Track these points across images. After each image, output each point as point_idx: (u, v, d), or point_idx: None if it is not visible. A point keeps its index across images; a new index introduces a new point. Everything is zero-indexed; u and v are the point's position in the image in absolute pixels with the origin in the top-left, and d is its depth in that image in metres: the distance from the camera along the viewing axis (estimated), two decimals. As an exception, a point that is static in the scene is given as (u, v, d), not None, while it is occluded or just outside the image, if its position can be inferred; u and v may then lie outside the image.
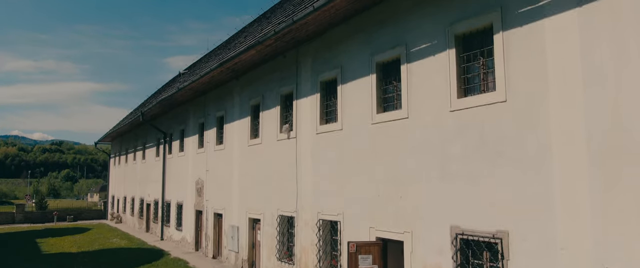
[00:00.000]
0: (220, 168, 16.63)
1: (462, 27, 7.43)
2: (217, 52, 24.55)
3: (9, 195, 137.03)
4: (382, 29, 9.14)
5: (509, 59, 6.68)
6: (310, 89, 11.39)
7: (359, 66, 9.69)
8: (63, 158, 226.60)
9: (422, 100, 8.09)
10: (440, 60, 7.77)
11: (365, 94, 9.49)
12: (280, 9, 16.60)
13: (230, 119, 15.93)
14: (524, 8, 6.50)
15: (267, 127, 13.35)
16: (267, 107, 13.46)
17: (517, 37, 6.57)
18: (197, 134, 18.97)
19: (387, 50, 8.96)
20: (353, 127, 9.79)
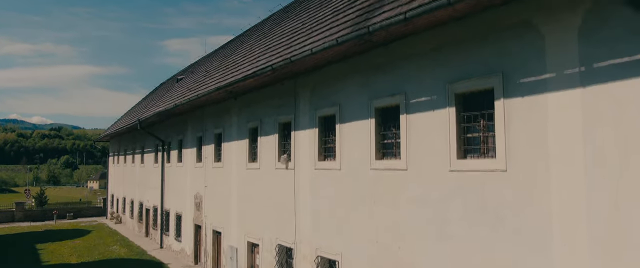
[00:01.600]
0: (218, 186, 16.59)
1: (462, 87, 7.30)
2: (216, 54, 24.33)
3: (9, 182, 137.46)
4: (381, 73, 9.00)
5: (510, 128, 6.57)
6: (309, 122, 11.28)
7: (358, 108, 9.57)
8: (62, 144, 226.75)
9: (422, 155, 7.99)
10: (439, 117, 7.66)
11: (364, 137, 9.38)
12: (285, 15, 16.41)
13: (228, 138, 15.83)
14: (526, 78, 6.37)
15: (265, 154, 13.26)
16: (265, 132, 13.36)
17: (518, 107, 6.46)
18: (195, 147, 18.88)
19: (386, 96, 8.83)
20: (352, 169, 9.71)
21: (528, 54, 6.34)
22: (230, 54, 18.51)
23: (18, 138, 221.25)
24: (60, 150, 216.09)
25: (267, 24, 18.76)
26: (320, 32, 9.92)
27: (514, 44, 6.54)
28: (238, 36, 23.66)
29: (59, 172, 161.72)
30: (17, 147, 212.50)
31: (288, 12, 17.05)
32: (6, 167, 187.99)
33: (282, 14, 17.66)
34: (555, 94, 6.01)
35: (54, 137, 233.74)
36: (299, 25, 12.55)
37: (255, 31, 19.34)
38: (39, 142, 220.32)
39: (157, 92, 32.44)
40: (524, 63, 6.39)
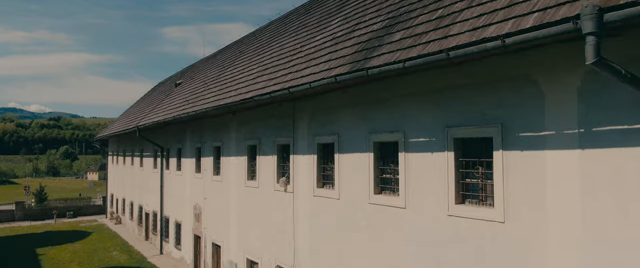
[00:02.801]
0: (217, 200, 16.62)
1: (461, 133, 7.28)
2: (214, 60, 24.20)
3: (9, 173, 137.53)
4: (380, 108, 8.97)
5: (508, 180, 6.57)
6: (308, 147, 11.26)
7: (357, 140, 9.55)
8: (61, 134, 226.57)
9: (420, 195, 8.00)
10: (438, 160, 7.65)
11: (362, 170, 9.38)
12: (283, 26, 16.33)
13: (227, 152, 15.82)
14: (525, 133, 6.35)
15: (264, 173, 13.26)
16: (264, 152, 13.34)
17: (517, 160, 6.44)
18: (194, 157, 18.86)
19: (385, 132, 8.81)
20: (351, 201, 9.72)
21: (527, 108, 6.31)
22: (229, 65, 18.40)
23: (17, 129, 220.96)
24: (60, 140, 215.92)
25: (265, 33, 18.62)
26: (319, 63, 9.86)
27: (513, 97, 6.51)
28: (236, 42, 23.50)
29: (58, 163, 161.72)
30: (16, 137, 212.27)
31: (286, 24, 16.93)
32: (5, 157, 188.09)
33: (280, 25, 17.53)
34: (554, 152, 5.99)
35: (53, 127, 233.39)
36: (298, 47, 12.48)
37: (253, 41, 19.20)
38: (38, 133, 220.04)
39: (155, 94, 32.31)
40: (523, 117, 6.37)
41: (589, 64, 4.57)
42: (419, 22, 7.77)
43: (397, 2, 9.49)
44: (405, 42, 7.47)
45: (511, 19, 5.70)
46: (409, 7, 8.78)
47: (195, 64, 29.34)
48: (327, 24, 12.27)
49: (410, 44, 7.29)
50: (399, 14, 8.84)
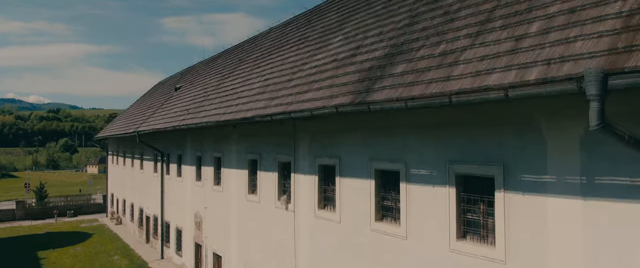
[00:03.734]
0: (218, 210, 16.65)
1: (463, 169, 7.29)
2: (215, 66, 24.12)
3: (8, 167, 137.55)
4: (381, 136, 8.96)
5: (509, 221, 6.59)
6: (309, 167, 11.27)
7: (358, 166, 9.55)
8: (61, 126, 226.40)
9: (422, 227, 8.02)
10: (440, 194, 7.66)
11: (364, 195, 9.40)
12: (283, 36, 16.27)
13: (227, 164, 15.83)
14: (526, 176, 6.36)
15: (265, 189, 13.28)
16: (264, 168, 13.35)
17: (519, 202, 6.46)
18: (195, 165, 18.87)
19: (386, 161, 8.82)
20: (351, 225, 9.75)
21: (529, 152, 6.31)
22: (229, 74, 18.34)
23: (16, 121, 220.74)
24: (59, 133, 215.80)
25: (265, 42, 18.53)
26: (320, 87, 9.83)
27: (515, 139, 6.51)
28: (235, 47, 23.39)
29: (58, 156, 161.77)
30: (16, 129, 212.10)
31: (286, 34, 16.84)
32: (5, 150, 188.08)
33: (280, 35, 17.43)
34: (556, 199, 6.01)
35: (52, 119, 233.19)
36: (299, 64, 12.44)
37: (253, 49, 19.10)
38: (37, 125, 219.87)
39: (155, 95, 32.21)
40: (525, 160, 6.38)
41: (593, 127, 4.57)
42: (421, 55, 7.74)
43: (400, 27, 9.45)
44: (407, 77, 7.45)
45: (514, 68, 5.68)
46: (411, 35, 8.75)
47: (195, 66, 29.25)
48: (328, 41, 12.22)
49: (412, 80, 7.27)
50: (400, 42, 8.81)
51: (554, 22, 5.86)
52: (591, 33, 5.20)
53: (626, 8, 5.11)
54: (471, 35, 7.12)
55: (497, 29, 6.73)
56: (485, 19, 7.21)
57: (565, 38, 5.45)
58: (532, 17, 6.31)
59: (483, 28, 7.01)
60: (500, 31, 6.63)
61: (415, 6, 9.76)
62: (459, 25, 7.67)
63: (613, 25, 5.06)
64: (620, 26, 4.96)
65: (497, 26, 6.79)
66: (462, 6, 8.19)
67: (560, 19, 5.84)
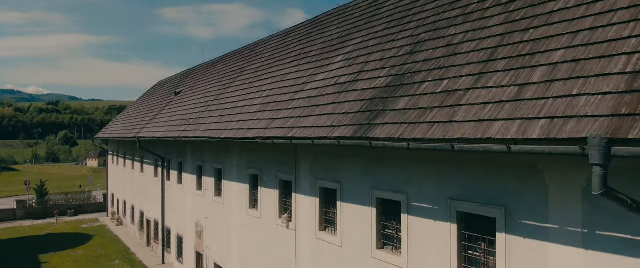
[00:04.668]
0: (219, 221, 16.71)
1: (465, 207, 7.31)
2: (215, 73, 24.05)
3: (8, 160, 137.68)
4: (383, 166, 8.96)
5: (510, 263, 6.61)
6: (310, 189, 11.29)
7: (359, 193, 9.57)
8: (60, 118, 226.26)
9: (423, 260, 8.05)
10: (441, 229, 7.69)
11: (365, 222, 9.42)
12: (284, 47, 16.22)
13: (228, 177, 15.85)
14: (528, 221, 6.37)
15: (266, 206, 13.32)
16: (266, 184, 13.37)
17: (520, 247, 6.48)
18: (195, 174, 18.89)
19: (387, 190, 8.83)
20: (352, 250, 9.79)
21: (531, 198, 6.32)
22: (229, 84, 18.31)
23: (15, 113, 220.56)
24: (59, 125, 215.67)
25: (265, 52, 18.46)
26: (322, 113, 9.83)
27: (517, 183, 6.51)
28: (235, 53, 23.30)
29: (57, 149, 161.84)
30: (15, 122, 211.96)
31: (287, 45, 16.78)
32: (5, 142, 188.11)
33: (281, 46, 17.36)
34: (557, 246, 6.03)
35: (51, 111, 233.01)
36: (300, 83, 12.43)
37: (253, 59, 19.02)
38: (36, 117, 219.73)
39: (155, 97, 32.15)
40: (526, 205, 6.39)
41: (596, 194, 4.58)
42: (423, 91, 7.73)
43: (402, 54, 9.43)
44: (410, 114, 7.45)
45: (518, 119, 5.68)
46: (413, 65, 8.73)
47: (195, 70, 29.17)
48: (329, 60, 12.19)
49: (414, 118, 7.27)
50: (402, 71, 8.79)
51: (558, 72, 5.85)
52: (595, 91, 5.19)
53: (630, 67, 5.10)
54: (474, 74, 7.10)
55: (499, 71, 6.72)
56: (487, 58, 7.19)
57: (569, 92, 5.45)
58: (535, 63, 6.30)
59: (486, 68, 7.00)
60: (503, 74, 6.62)
61: (418, 32, 9.73)
62: (461, 61, 7.65)
63: (617, 84, 5.05)
64: (624, 87, 4.96)
65: (499, 68, 6.78)
66: (464, 39, 8.17)
67: (564, 68, 5.83)
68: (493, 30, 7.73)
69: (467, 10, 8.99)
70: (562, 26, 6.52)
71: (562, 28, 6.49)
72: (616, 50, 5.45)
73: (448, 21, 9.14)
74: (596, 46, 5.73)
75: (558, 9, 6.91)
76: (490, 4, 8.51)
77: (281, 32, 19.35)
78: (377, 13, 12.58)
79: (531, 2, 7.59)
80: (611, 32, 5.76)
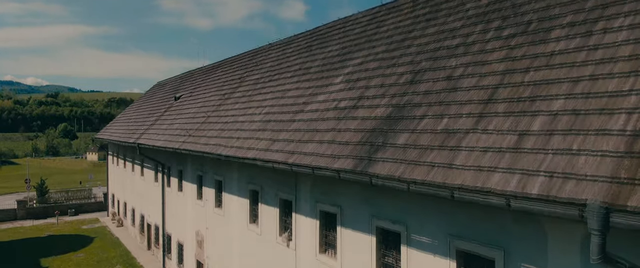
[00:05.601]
0: (220, 233, 16.79)
1: (464, 245, 7.35)
2: (214, 80, 24.02)
3: (8, 154, 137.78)
4: (382, 196, 9.00)
5: (509, 306, 6.68)
6: (310, 211, 11.34)
7: (359, 220, 9.62)
8: (60, 111, 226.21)
9: (422, 294, 8.12)
10: (440, 264, 7.73)
11: (365, 249, 9.48)
12: (285, 58, 16.21)
13: (228, 189, 15.90)
14: (527, 264, 6.42)
15: (267, 222, 13.38)
16: (266, 201, 13.42)
17: (519, 290, 6.54)
18: (196, 184, 18.95)
19: (387, 220, 8.87)
20: (352, 277, 9.86)
21: (530, 243, 6.36)
22: (229, 94, 18.29)
23: (15, 106, 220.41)
24: (58, 118, 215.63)
25: (265, 62, 18.42)
26: (322, 140, 9.85)
27: (517, 227, 6.55)
28: (235, 59, 23.24)
29: (57, 142, 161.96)
30: (15, 114, 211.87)
31: (288, 57, 16.74)
32: (4, 135, 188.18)
33: (281, 58, 17.32)
34: (556, 294, 6.08)
35: (51, 104, 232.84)
36: (300, 102, 12.42)
37: (253, 69, 18.98)
38: (36, 110, 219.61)
39: (154, 100, 32.11)
40: (525, 250, 6.43)
41: (594, 261, 4.62)
42: (423, 127, 7.75)
43: (402, 83, 9.42)
44: (410, 152, 7.47)
45: (518, 172, 5.71)
46: (413, 96, 8.74)
47: (194, 73, 29.11)
48: (329, 80, 12.19)
49: (414, 157, 7.29)
50: (403, 103, 8.80)
51: (558, 123, 5.87)
52: (595, 149, 5.21)
53: (630, 126, 5.12)
54: (474, 115, 7.12)
55: (500, 114, 6.74)
56: (488, 98, 7.20)
57: (569, 147, 5.47)
58: (535, 109, 6.31)
59: (486, 110, 7.01)
60: (503, 118, 6.63)
61: (418, 59, 9.72)
62: (461, 97, 7.66)
63: (616, 144, 5.07)
64: (623, 148, 4.98)
65: (500, 111, 6.79)
66: (465, 73, 8.17)
67: (564, 120, 5.85)
68: (494, 67, 7.73)
69: (468, 39, 8.98)
70: (562, 71, 6.53)
71: (562, 73, 6.50)
72: (616, 105, 5.47)
73: (449, 50, 9.14)
74: (596, 99, 5.75)
75: (559, 50, 6.91)
76: (492, 36, 8.50)
77: (281, 41, 19.29)
78: (377, 31, 12.56)
79: (532, 39, 7.59)
80: (611, 84, 5.77)
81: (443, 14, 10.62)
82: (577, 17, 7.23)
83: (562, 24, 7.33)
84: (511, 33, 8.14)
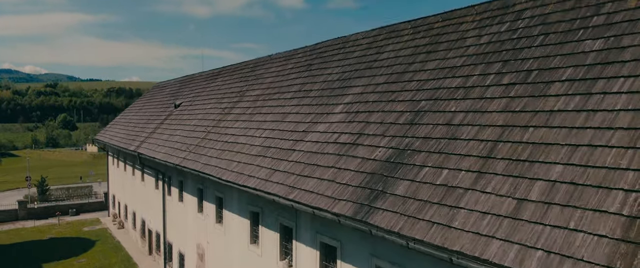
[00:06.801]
0: (220, 249, 16.93)
1: (463, 297, 7.46)
2: (215, 81, 24.01)
3: (8, 146, 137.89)
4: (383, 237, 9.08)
5: None
6: (311, 240, 11.45)
7: (359, 258, 9.72)
8: (59, 101, 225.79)
9: None
10: (439, 312, 7.87)
11: (364, 286, 9.61)
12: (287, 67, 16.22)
13: (229, 207, 16.00)
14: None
15: (267, 244, 13.50)
16: (266, 224, 13.53)
17: None
18: (196, 197, 19.04)
19: (387, 262, 8.97)
20: (352, 311, 10.00)
21: (527, 305, 6.47)
22: (230, 109, 18.31)
23: (14, 96, 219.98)
24: (57, 108, 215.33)
25: (266, 77, 18.40)
26: (322, 177, 9.92)
27: (514, 288, 6.65)
28: (236, 69, 23.21)
29: (57, 133, 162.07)
30: (13, 105, 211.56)
31: (290, 73, 16.74)
32: (4, 126, 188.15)
33: (281, 71, 17.31)
34: None
35: (50, 94, 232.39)
36: (300, 128, 12.46)
37: (253, 83, 18.96)
38: (35, 100, 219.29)
39: (154, 104, 32.09)
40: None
41: None
42: (423, 178, 7.81)
43: (402, 123, 9.47)
44: (409, 204, 7.55)
45: (516, 244, 5.79)
46: (412, 140, 8.79)
47: (194, 78, 29.06)
48: (329, 108, 12.22)
49: (414, 211, 7.37)
50: (402, 145, 8.85)
51: (556, 194, 5.93)
52: (592, 230, 5.29)
53: (626, 210, 5.19)
54: (473, 171, 7.18)
55: (499, 174, 6.80)
56: (487, 154, 7.26)
57: (566, 224, 5.54)
58: (533, 175, 6.37)
59: (485, 167, 7.07)
60: (502, 179, 6.69)
61: (418, 97, 9.75)
62: (461, 149, 7.72)
63: (613, 227, 5.15)
64: (620, 233, 5.05)
65: (499, 170, 6.85)
66: (464, 121, 8.21)
67: (562, 190, 5.91)
68: (493, 118, 7.78)
69: (467, 82, 9.01)
70: (561, 134, 6.58)
71: (561, 136, 6.55)
72: (614, 182, 5.53)
73: (448, 92, 9.17)
74: (595, 170, 5.81)
75: (558, 109, 6.95)
76: (491, 81, 8.53)
77: (281, 55, 19.26)
78: (377, 59, 12.56)
79: (532, 91, 7.62)
80: (609, 156, 5.82)
81: (443, 47, 10.63)
82: (576, 72, 7.26)
83: (562, 79, 7.37)
84: (511, 81, 8.17)
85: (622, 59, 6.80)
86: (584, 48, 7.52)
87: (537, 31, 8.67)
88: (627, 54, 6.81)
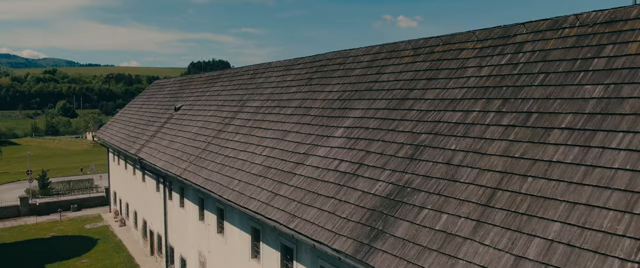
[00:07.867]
0: (221, 260, 17.11)
1: None
2: (215, 84, 23.97)
3: (8, 134, 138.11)
4: None
5: None
6: (311, 265, 11.58)
7: (359, 287, 9.87)
8: (58, 87, 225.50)
9: None
10: None
11: (364, 316, 9.77)
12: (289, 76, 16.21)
13: (230, 220, 16.14)
14: None
15: (269, 262, 13.65)
16: (267, 242, 13.67)
17: None
18: (198, 205, 19.19)
19: (387, 295, 9.12)
20: None
21: None
22: (230, 120, 18.33)
23: (13, 83, 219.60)
24: (57, 95, 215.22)
25: (266, 88, 18.38)
26: (322, 207, 10.00)
27: None
28: (235, 74, 23.16)
29: (57, 121, 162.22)
30: (13, 92, 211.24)
31: (288, 88, 16.73)
32: (3, 113, 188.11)
33: (281, 82, 17.30)
34: None
35: (49, 80, 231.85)
36: (301, 150, 12.51)
37: (253, 93, 18.95)
38: (34, 87, 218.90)
39: (154, 103, 32.07)
40: None
41: None
42: (422, 221, 7.89)
43: (402, 156, 9.52)
44: (409, 249, 7.64)
45: (512, 305, 5.89)
46: (412, 177, 8.86)
47: (194, 79, 29.02)
48: (330, 130, 12.26)
49: (413, 257, 7.47)
50: (402, 182, 8.92)
51: (553, 255, 6.01)
52: (587, 299, 5.38)
53: (622, 281, 5.27)
54: (472, 219, 7.26)
55: (497, 226, 6.88)
56: (486, 201, 7.32)
57: (563, 289, 5.63)
58: (531, 231, 6.44)
59: (484, 216, 7.15)
60: (500, 232, 6.77)
61: (419, 130, 9.79)
62: (460, 193, 7.79)
63: (609, 299, 5.23)
64: (615, 306, 5.14)
65: (497, 221, 6.93)
66: (464, 161, 8.27)
67: (560, 251, 5.99)
68: (493, 162, 7.82)
69: (468, 117, 9.03)
70: (560, 188, 6.63)
71: (560, 191, 6.60)
72: (610, 249, 5.60)
73: (449, 127, 9.20)
74: (592, 234, 5.87)
75: (557, 160, 7.00)
76: (491, 120, 8.56)
77: (281, 63, 19.22)
78: (378, 79, 12.56)
79: (531, 136, 7.66)
80: (606, 219, 5.89)
81: (443, 75, 10.63)
82: (576, 120, 7.29)
83: (562, 126, 7.40)
84: (511, 122, 8.20)
85: (622, 112, 6.82)
86: (584, 94, 7.54)
87: (538, 69, 8.68)
88: (627, 106, 6.83)
